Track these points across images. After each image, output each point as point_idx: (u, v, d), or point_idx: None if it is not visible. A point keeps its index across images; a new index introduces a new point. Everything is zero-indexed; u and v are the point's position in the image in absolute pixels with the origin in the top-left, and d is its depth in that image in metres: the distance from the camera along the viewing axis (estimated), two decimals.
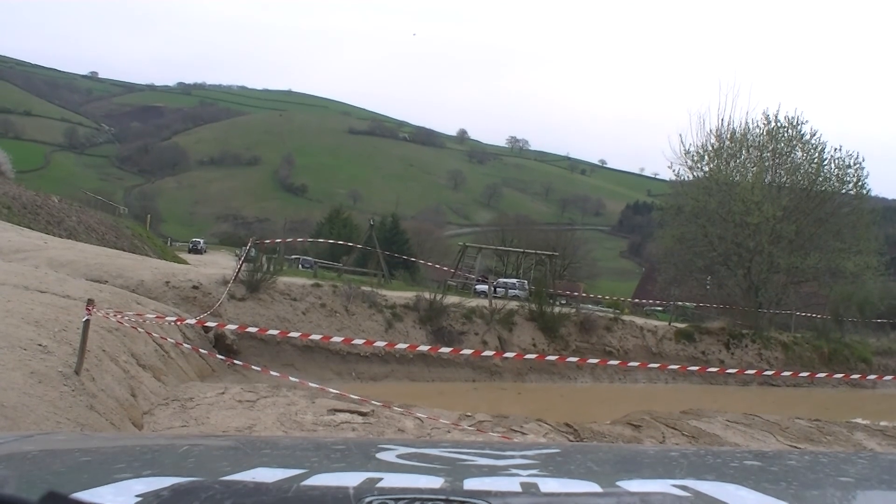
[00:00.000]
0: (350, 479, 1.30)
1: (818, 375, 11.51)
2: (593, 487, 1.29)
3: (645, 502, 1.08)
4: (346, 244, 31.04)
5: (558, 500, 1.13)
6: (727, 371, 13.08)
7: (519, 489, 1.23)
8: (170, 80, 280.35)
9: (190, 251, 53.18)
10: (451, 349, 11.16)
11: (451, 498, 0.95)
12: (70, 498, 0.80)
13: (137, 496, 1.04)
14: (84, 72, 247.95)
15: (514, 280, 36.16)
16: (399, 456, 1.58)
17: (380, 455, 1.63)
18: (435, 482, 1.29)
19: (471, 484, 1.26)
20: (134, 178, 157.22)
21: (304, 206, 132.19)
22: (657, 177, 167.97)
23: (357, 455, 1.76)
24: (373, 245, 32.24)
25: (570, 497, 1.15)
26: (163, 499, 0.95)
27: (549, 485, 1.30)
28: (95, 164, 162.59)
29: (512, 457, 1.66)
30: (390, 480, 1.28)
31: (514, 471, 1.42)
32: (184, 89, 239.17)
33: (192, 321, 12.11)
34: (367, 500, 0.92)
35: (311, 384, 9.67)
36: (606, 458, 1.89)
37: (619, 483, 1.32)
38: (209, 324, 11.89)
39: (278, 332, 11.62)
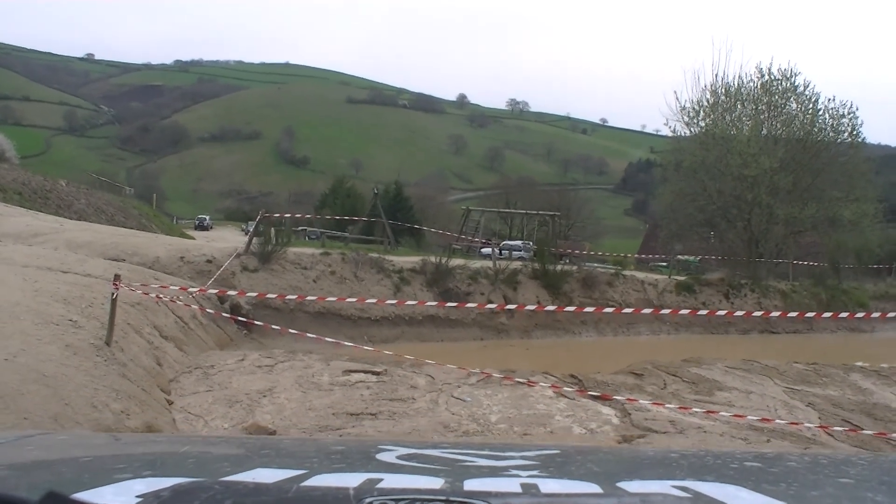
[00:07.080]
0: (350, 480, 1.31)
1: (824, 315, 11.58)
2: (593, 488, 1.29)
3: (645, 503, 1.10)
4: (350, 218, 31.19)
5: (559, 501, 1.14)
6: (719, 313, 13.36)
7: (519, 490, 1.24)
8: (167, 58, 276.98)
9: (196, 228, 53.66)
10: (457, 303, 11.68)
11: (452, 498, 0.96)
12: (70, 498, 0.82)
13: (138, 496, 1.05)
14: (80, 54, 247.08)
15: (518, 242, 36.17)
16: (399, 457, 1.59)
17: (380, 456, 1.63)
18: (435, 483, 1.30)
19: (471, 485, 1.27)
20: (136, 158, 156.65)
21: (306, 177, 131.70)
22: (659, 133, 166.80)
23: (357, 456, 1.76)
24: (377, 213, 32.44)
25: (570, 498, 1.16)
26: (163, 499, 0.96)
27: (549, 486, 1.30)
28: (96, 146, 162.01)
29: (512, 457, 1.66)
30: (390, 481, 1.28)
31: (515, 471, 1.42)
32: (181, 67, 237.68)
33: (210, 293, 12.55)
34: (368, 500, 0.92)
35: (328, 339, 10.09)
36: (606, 458, 1.90)
37: (619, 484, 1.32)
38: (230, 293, 12.35)
39: (296, 296, 12.02)
